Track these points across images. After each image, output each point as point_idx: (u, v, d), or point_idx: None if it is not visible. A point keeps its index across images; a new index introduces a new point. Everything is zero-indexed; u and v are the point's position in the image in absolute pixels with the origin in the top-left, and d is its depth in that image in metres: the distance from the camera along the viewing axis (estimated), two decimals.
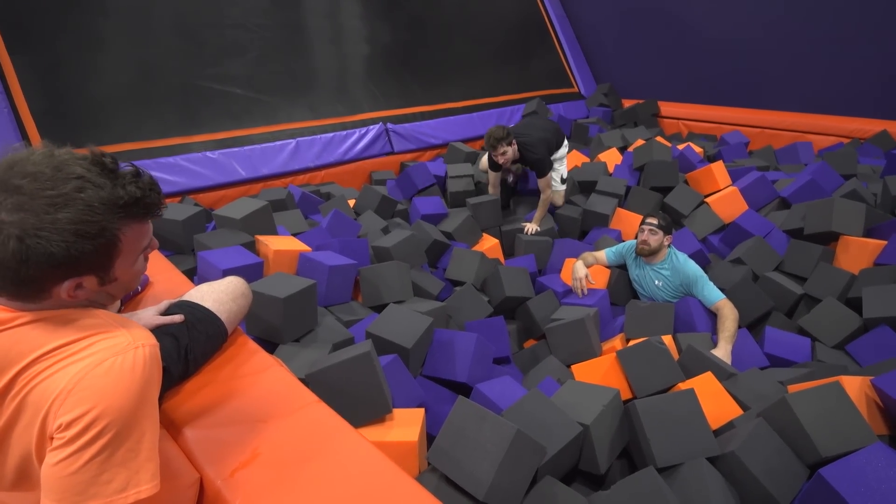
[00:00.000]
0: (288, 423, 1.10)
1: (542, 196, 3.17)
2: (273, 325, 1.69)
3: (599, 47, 6.21)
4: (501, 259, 2.92)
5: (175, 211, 2.33)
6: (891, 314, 2.07)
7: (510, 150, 3.03)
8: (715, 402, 1.66)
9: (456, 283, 2.57)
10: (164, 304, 1.21)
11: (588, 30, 6.23)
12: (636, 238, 2.59)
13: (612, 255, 2.70)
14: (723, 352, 2.10)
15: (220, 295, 1.32)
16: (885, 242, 2.42)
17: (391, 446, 1.31)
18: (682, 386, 1.73)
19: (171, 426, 1.11)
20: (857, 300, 2.24)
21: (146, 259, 0.90)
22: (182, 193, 3.06)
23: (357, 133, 3.92)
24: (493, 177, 3.35)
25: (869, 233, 2.61)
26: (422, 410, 1.44)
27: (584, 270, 2.48)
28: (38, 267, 0.69)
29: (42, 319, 0.75)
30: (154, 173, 1.08)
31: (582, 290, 2.46)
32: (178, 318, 1.17)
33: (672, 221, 2.60)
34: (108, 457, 0.70)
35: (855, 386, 1.57)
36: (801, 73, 4.82)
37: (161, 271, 1.74)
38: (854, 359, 2.06)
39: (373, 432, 1.35)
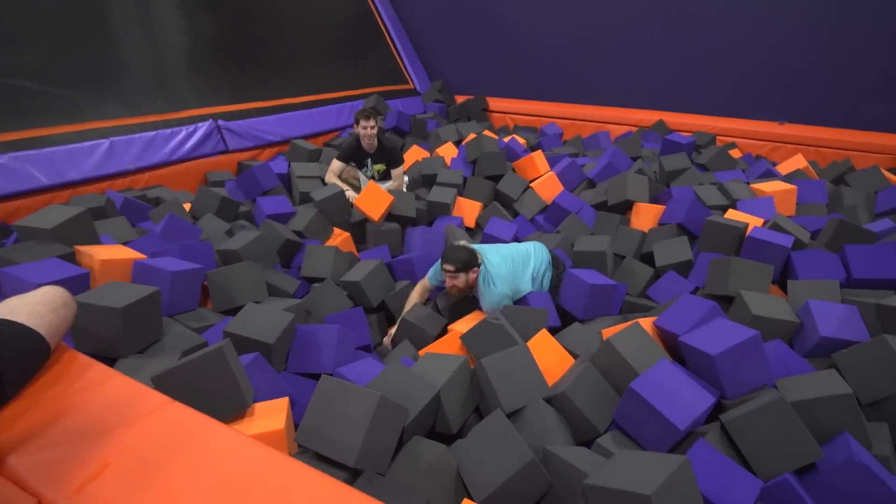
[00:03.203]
0: (139, 427, 1.04)
1: (395, 183, 3.63)
2: (109, 340, 1.54)
3: (431, 46, 6.54)
4: (355, 252, 2.96)
5: None
6: (676, 261, 2.60)
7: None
8: (552, 354, 1.93)
9: (313, 281, 2.55)
10: None
11: (418, 29, 6.52)
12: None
13: (434, 277, 2.48)
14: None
15: (35, 307, 1.18)
16: (664, 207, 3.00)
17: (257, 438, 1.30)
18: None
19: None
20: (649, 254, 2.76)
21: None
22: None
23: (184, 131, 3.62)
24: (337, 166, 3.53)
25: (652, 201, 3.22)
26: (285, 399, 1.45)
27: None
28: None
29: None
30: None
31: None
32: None
33: (473, 254, 2.28)
34: None
35: (648, 324, 1.96)
36: (600, 71, 5.67)
37: None
38: (654, 300, 2.52)
39: (235, 428, 1.32)
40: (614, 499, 1.13)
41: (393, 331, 2.35)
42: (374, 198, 3.00)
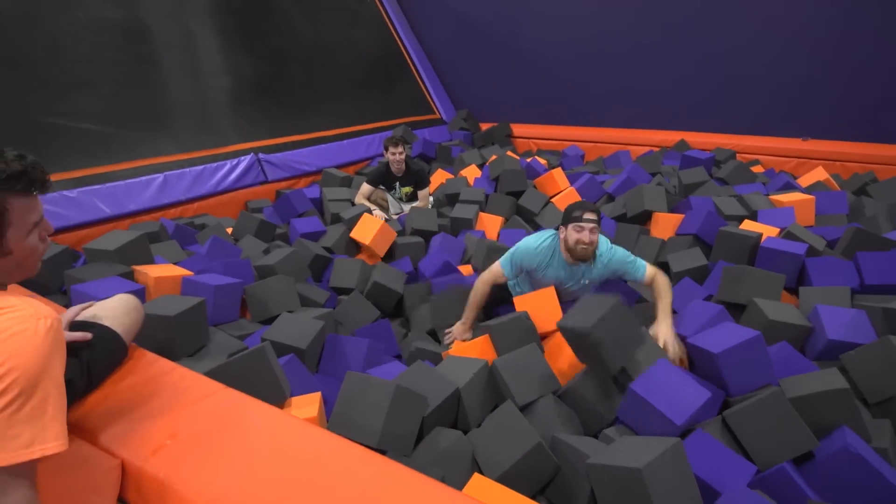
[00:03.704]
0: (200, 407, 1.23)
1: (421, 203, 3.86)
2: (165, 344, 1.75)
3: (456, 77, 6.84)
4: None
5: None
6: (691, 266, 2.69)
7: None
8: (568, 356, 2.04)
9: (341, 292, 2.74)
10: (69, 314, 1.27)
11: (443, 61, 6.84)
12: (560, 237, 2.16)
13: (510, 269, 2.27)
14: (665, 327, 1.96)
15: (112, 311, 1.40)
16: (682, 216, 3.10)
17: None
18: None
19: (85, 433, 1.19)
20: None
21: (43, 241, 0.99)
22: None
23: (228, 164, 3.95)
24: (366, 189, 3.78)
25: (672, 211, 3.31)
26: (318, 393, 1.62)
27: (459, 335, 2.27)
28: None
29: None
30: None
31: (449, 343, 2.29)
32: (86, 335, 1.22)
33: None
34: (15, 412, 0.79)
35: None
36: (621, 94, 5.83)
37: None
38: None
39: None
40: (612, 474, 1.25)
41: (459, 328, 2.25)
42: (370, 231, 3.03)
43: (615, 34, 5.57)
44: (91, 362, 1.25)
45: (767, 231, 2.81)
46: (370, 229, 3.02)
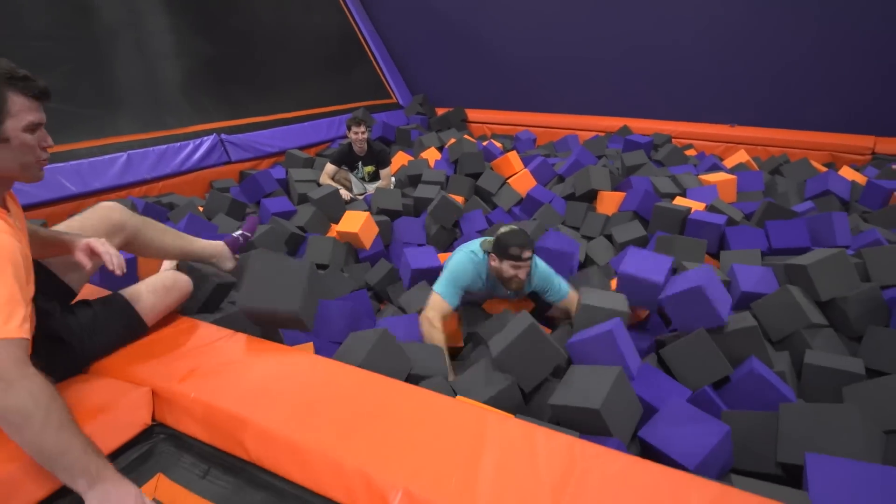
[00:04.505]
0: (216, 346, 1.41)
1: (383, 182, 4.03)
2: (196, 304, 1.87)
3: (411, 62, 6.99)
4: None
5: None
6: (632, 237, 3.03)
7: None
8: None
9: (317, 267, 2.89)
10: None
11: (399, 47, 6.97)
12: (492, 264, 2.11)
13: (454, 296, 2.13)
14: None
15: (137, 287, 1.47)
16: (625, 194, 3.44)
17: None
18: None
19: (116, 372, 1.34)
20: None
21: (43, 149, 1.08)
22: None
23: (191, 144, 3.97)
24: (330, 169, 3.92)
25: (615, 190, 3.65)
26: (310, 343, 1.81)
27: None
28: None
29: None
30: None
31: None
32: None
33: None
34: None
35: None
36: (570, 82, 6.18)
37: None
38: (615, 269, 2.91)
39: None
40: (573, 412, 1.47)
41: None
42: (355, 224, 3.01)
43: (567, 26, 5.90)
44: (99, 340, 1.35)
45: (695, 206, 3.19)
46: (356, 220, 3.04)
